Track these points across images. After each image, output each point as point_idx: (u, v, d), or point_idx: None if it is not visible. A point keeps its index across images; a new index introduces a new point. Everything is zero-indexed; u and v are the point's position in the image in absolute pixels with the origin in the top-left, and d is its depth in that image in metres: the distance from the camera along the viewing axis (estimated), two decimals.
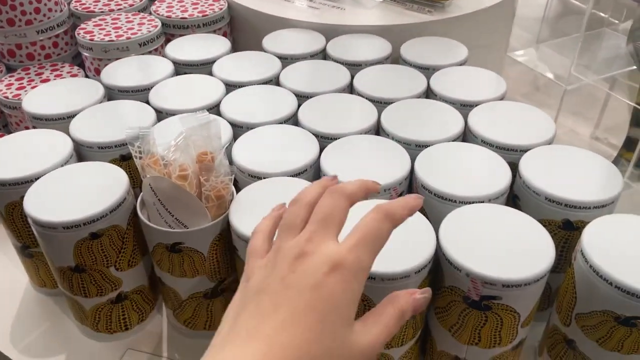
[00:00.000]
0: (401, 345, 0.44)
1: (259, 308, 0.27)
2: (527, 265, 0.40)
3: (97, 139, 0.54)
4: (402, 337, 0.43)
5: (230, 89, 0.64)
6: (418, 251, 0.40)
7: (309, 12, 0.82)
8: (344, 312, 0.28)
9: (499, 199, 0.47)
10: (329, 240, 0.29)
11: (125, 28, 0.76)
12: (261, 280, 0.29)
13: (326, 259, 0.28)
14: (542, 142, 0.52)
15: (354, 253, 0.28)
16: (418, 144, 0.54)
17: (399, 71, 0.67)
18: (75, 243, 0.46)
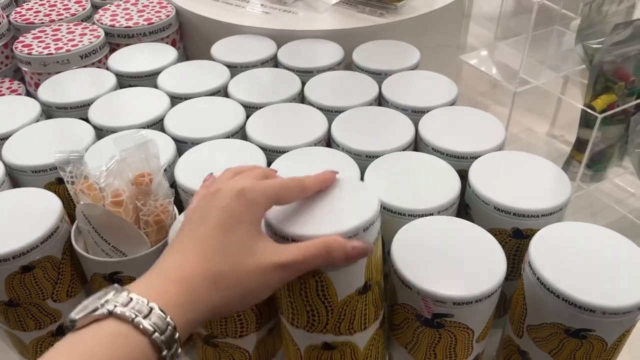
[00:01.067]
0: (364, 328, 0.40)
1: (183, 232, 0.34)
2: (478, 280, 0.39)
3: (31, 162, 0.51)
4: (363, 319, 0.40)
5: (175, 102, 0.62)
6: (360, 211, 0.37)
7: (261, 17, 0.79)
8: (247, 228, 0.33)
9: (448, 210, 0.46)
10: (242, 180, 0.35)
11: (66, 40, 0.73)
12: (188, 215, 0.35)
13: (234, 187, 0.34)
14: (492, 149, 0.52)
15: (257, 186, 0.34)
16: (368, 155, 0.52)
17: (350, 78, 0.66)
18: (5, 277, 0.43)
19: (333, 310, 0.38)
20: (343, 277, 0.37)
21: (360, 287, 0.38)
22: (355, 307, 0.38)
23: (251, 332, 0.45)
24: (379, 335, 0.43)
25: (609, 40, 0.51)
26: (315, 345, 0.40)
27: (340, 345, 0.40)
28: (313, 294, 0.37)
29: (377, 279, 0.39)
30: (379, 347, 0.43)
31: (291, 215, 0.36)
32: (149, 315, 0.28)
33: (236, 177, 0.36)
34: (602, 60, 0.53)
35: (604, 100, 0.54)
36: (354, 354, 0.41)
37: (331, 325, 0.39)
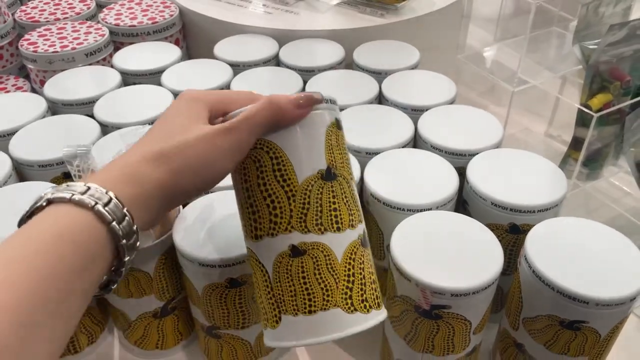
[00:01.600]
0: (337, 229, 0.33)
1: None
2: (475, 273, 0.40)
3: (38, 157, 0.52)
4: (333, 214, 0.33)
5: None
6: None
7: (263, 17, 0.81)
8: (187, 116, 0.32)
9: (446, 205, 0.47)
10: None
11: (71, 38, 0.74)
12: None
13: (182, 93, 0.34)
14: (489, 146, 0.53)
15: (200, 90, 0.34)
16: (368, 152, 0.53)
17: (351, 77, 0.67)
18: None
19: (295, 195, 0.33)
20: (299, 151, 0.33)
21: (323, 170, 0.33)
22: (320, 195, 0.33)
23: (253, 324, 0.46)
24: (364, 257, 0.35)
25: (604, 41, 0.52)
26: (283, 254, 0.33)
27: (311, 248, 0.33)
28: (270, 175, 0.33)
29: (344, 174, 0.34)
30: (364, 268, 0.34)
31: None
32: (86, 193, 0.27)
33: None
34: (598, 60, 0.54)
35: (599, 99, 0.55)
36: (330, 261, 0.33)
37: (296, 218, 0.33)
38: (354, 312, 0.32)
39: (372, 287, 0.34)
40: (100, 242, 0.28)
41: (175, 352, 0.52)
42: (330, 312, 0.32)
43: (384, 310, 0.35)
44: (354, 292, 0.33)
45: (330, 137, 0.34)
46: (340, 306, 0.32)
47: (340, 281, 0.33)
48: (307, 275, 0.33)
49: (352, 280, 0.33)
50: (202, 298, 0.44)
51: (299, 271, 0.33)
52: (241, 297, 0.44)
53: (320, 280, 0.33)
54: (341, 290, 0.33)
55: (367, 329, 0.33)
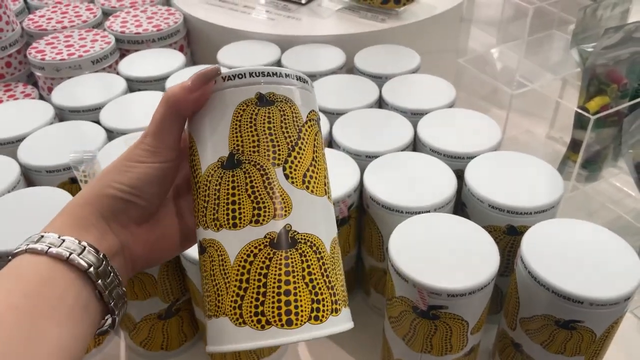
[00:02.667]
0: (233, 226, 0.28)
1: None
2: (471, 274, 0.40)
3: (45, 162, 0.54)
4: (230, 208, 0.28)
5: None
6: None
7: (265, 23, 0.82)
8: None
9: (444, 207, 0.48)
10: None
11: (78, 46, 0.75)
12: None
13: None
14: (488, 149, 0.53)
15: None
16: (368, 155, 0.54)
17: (352, 81, 0.68)
18: None
19: (199, 186, 0.29)
20: (202, 136, 0.29)
21: (224, 157, 0.28)
22: (218, 186, 0.28)
23: None
24: (274, 261, 0.28)
25: (600, 44, 0.53)
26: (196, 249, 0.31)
27: (209, 246, 0.28)
28: (190, 164, 0.30)
29: (260, 161, 0.28)
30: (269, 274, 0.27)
31: None
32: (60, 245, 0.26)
33: None
34: (595, 63, 0.54)
35: (597, 102, 0.56)
36: (223, 262, 0.28)
37: (199, 213, 0.29)
38: (242, 325, 0.27)
39: (277, 298, 0.27)
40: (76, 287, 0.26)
41: (180, 353, 0.53)
42: (220, 321, 0.27)
43: (294, 332, 0.26)
44: (245, 302, 0.27)
45: (241, 118, 0.28)
46: (228, 315, 0.27)
47: (231, 287, 0.27)
48: (206, 276, 0.29)
49: (244, 288, 0.27)
50: None
51: (202, 270, 0.29)
52: None
53: (214, 284, 0.28)
54: (230, 297, 0.27)
55: (253, 348, 0.27)
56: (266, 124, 0.29)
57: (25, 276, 0.26)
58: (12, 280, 0.25)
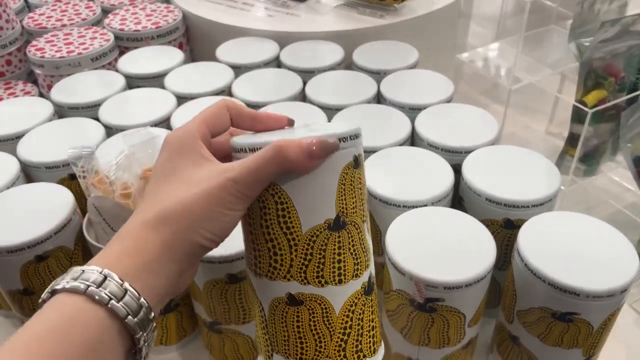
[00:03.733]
0: (339, 282, 0.31)
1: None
2: (468, 266, 0.40)
3: (44, 158, 0.54)
4: (337, 267, 0.31)
5: (182, 101, 0.64)
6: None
7: (264, 20, 0.82)
8: (181, 166, 0.30)
9: (441, 201, 0.48)
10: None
11: (77, 43, 0.75)
12: None
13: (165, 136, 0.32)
14: (485, 143, 0.53)
15: (177, 130, 0.31)
16: (366, 150, 0.54)
17: (350, 77, 0.68)
18: (21, 267, 0.45)
19: (297, 245, 0.30)
20: (307, 199, 0.30)
21: (331, 219, 0.30)
22: (324, 246, 0.30)
23: (253, 320, 0.47)
24: (366, 305, 0.32)
25: (597, 38, 0.53)
26: (280, 299, 0.32)
27: (309, 299, 0.31)
28: (274, 221, 0.30)
29: (356, 220, 0.31)
30: (364, 317, 0.32)
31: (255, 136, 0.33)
32: (102, 283, 0.26)
33: None
34: (592, 57, 0.54)
35: (594, 95, 0.56)
36: (327, 314, 0.31)
37: (296, 268, 0.31)
38: None
39: (370, 334, 0.32)
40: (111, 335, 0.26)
41: (178, 347, 0.54)
42: None
43: (381, 351, 0.33)
44: (349, 344, 0.31)
45: (345, 181, 0.30)
46: (332, 357, 0.31)
47: (336, 334, 0.31)
48: (302, 325, 0.31)
49: (348, 333, 0.31)
50: (204, 294, 0.46)
51: (294, 320, 0.31)
52: (241, 292, 0.46)
53: (315, 332, 0.31)
54: (335, 342, 0.31)
55: None
56: (358, 185, 0.31)
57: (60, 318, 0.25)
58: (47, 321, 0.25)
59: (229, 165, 0.29)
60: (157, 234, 0.28)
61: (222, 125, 0.33)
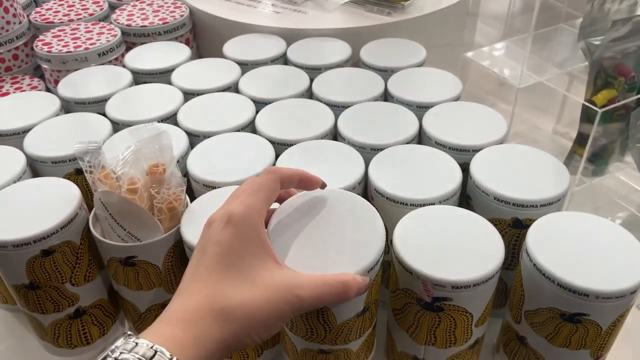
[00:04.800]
0: (359, 337, 0.43)
1: (185, 274, 0.34)
2: (476, 266, 0.40)
3: (51, 153, 0.54)
4: (360, 332, 0.43)
5: (188, 97, 0.64)
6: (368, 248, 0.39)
7: (271, 16, 0.82)
8: (248, 257, 0.32)
9: (449, 200, 0.48)
10: (227, 204, 0.35)
11: (84, 38, 0.75)
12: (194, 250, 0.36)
13: (221, 217, 0.34)
14: (493, 142, 0.53)
15: (241, 203, 0.34)
16: (373, 148, 0.54)
17: (357, 74, 0.68)
18: (26, 261, 0.45)
19: (331, 330, 0.39)
20: (345, 307, 0.39)
21: (359, 311, 0.40)
22: (352, 326, 0.41)
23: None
24: (370, 337, 0.45)
25: (607, 37, 0.52)
26: (312, 350, 0.43)
27: (336, 351, 0.43)
28: (314, 318, 0.39)
29: (374, 299, 0.42)
30: (370, 342, 0.46)
31: (301, 248, 0.37)
32: (153, 358, 0.27)
33: (226, 201, 0.36)
34: (602, 56, 0.54)
35: (604, 95, 0.55)
36: (347, 356, 0.44)
37: (329, 340, 0.41)
38: None
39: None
40: None
41: None
42: None
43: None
44: None
45: (372, 288, 0.39)
46: None
47: None
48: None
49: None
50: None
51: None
52: None
53: None
54: None
55: None
56: (379, 281, 0.43)
57: None
58: None
59: (296, 281, 0.32)
60: (219, 330, 0.30)
61: (275, 196, 0.37)
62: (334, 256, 0.37)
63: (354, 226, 0.40)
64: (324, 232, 0.39)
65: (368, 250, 0.38)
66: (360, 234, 0.40)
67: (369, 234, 0.40)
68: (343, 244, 0.38)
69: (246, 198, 0.34)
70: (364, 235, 0.40)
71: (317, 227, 0.39)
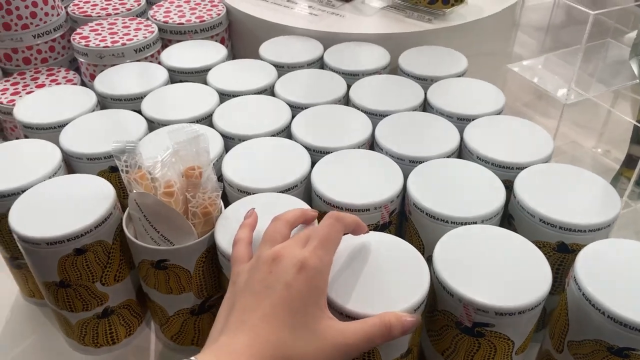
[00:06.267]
0: None
1: (245, 305, 0.34)
2: (522, 292, 0.38)
3: (87, 150, 0.54)
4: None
5: (224, 98, 0.63)
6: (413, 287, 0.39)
7: (308, 19, 0.80)
8: (312, 306, 0.34)
9: (492, 219, 0.46)
10: (297, 246, 0.36)
11: (122, 34, 0.75)
12: (245, 281, 0.36)
13: (295, 261, 0.34)
14: (539, 160, 0.51)
15: (315, 254, 0.35)
16: (412, 160, 0.53)
17: (396, 82, 0.66)
18: (59, 259, 0.45)
19: None
20: (392, 347, 0.39)
21: (404, 352, 0.40)
22: None
23: None
24: None
25: None
26: None
27: None
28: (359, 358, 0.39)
29: (417, 341, 0.42)
30: None
31: (351, 290, 0.38)
32: None
33: (296, 242, 0.37)
34: None
35: None
36: None
37: None
38: None
39: None
40: None
41: None
42: None
43: None
44: None
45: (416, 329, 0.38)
46: None
47: None
48: None
49: None
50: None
51: None
52: None
53: None
54: None
55: None
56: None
57: None
58: None
59: (344, 330, 0.34)
60: None
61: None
62: (381, 297, 0.38)
63: (399, 267, 0.40)
64: (371, 273, 0.40)
65: (414, 290, 0.38)
66: (405, 271, 0.40)
67: (413, 269, 0.40)
68: (389, 284, 0.39)
69: (319, 249, 0.35)
70: (409, 273, 0.40)
71: (364, 269, 0.40)
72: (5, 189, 0.49)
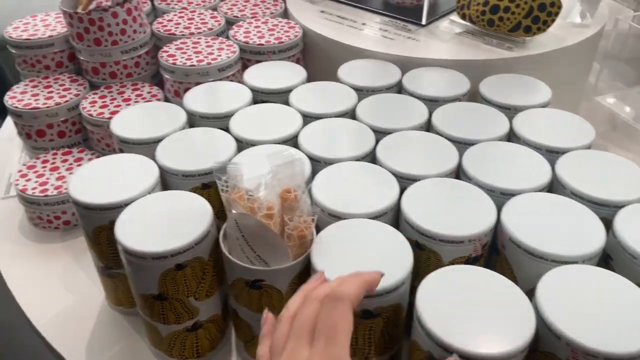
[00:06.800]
0: None
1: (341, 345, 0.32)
2: (632, 338, 0.37)
3: (183, 167, 0.55)
4: None
5: (306, 120, 0.65)
6: (518, 327, 0.39)
7: (383, 42, 0.81)
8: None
9: (592, 259, 0.45)
10: (301, 349, 0.33)
11: (206, 53, 0.78)
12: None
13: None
14: (638, 199, 0.50)
15: (324, 356, 0.32)
16: (503, 192, 0.52)
17: (479, 110, 0.66)
18: (161, 273, 0.47)
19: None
20: None
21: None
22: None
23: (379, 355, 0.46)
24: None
25: None
26: None
27: None
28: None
29: None
30: None
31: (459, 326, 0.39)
32: None
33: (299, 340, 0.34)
34: None
35: None
36: None
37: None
38: None
39: None
40: None
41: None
42: None
43: None
44: None
45: None
46: None
47: None
48: None
49: None
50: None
51: None
52: (371, 329, 0.45)
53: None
54: None
55: None
56: None
57: None
58: None
59: None
60: None
61: None
62: (485, 336, 0.39)
63: (501, 304, 0.41)
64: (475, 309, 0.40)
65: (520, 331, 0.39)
66: (509, 313, 0.40)
67: (519, 315, 0.40)
68: (493, 321, 0.40)
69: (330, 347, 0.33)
70: (514, 316, 0.40)
71: (469, 305, 0.41)
72: (109, 202, 0.51)
